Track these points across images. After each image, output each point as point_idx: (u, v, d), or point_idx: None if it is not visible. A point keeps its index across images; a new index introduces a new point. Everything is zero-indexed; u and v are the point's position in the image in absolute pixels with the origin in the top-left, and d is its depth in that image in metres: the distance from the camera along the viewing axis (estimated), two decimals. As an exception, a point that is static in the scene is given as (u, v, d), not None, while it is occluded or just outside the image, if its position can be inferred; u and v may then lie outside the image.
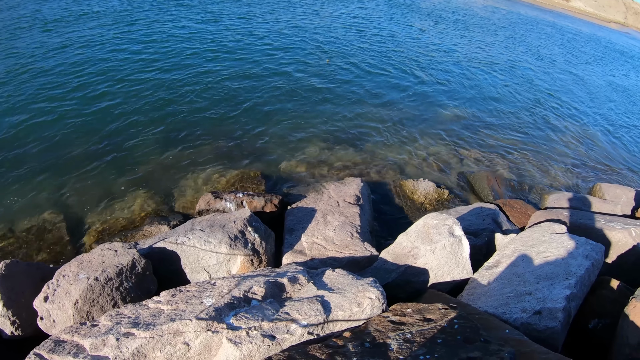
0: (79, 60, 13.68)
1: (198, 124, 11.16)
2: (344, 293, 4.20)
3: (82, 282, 4.75)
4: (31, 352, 3.68)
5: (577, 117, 18.63)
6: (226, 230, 5.74)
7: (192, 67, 14.39)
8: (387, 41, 23.25)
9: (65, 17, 17.62)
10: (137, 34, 16.76)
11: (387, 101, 14.90)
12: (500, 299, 5.06)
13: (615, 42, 54.28)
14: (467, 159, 12.16)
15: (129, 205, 8.38)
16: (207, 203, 7.34)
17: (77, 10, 18.68)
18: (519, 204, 9.49)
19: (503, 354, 3.30)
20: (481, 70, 21.96)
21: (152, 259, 5.57)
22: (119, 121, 10.70)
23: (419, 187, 9.77)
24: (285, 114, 12.51)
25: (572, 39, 44.92)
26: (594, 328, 5.41)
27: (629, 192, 10.26)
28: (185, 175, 9.33)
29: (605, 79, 28.20)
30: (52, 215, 7.95)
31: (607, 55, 39.89)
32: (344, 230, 6.81)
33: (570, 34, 49.08)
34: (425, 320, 3.91)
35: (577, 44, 42.52)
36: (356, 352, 3.41)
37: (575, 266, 5.37)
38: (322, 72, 16.03)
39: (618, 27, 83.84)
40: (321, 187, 8.34)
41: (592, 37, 53.30)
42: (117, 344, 3.64)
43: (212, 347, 3.63)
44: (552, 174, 12.66)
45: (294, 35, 20.37)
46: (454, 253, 5.72)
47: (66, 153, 9.39)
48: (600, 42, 50.10)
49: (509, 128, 15.21)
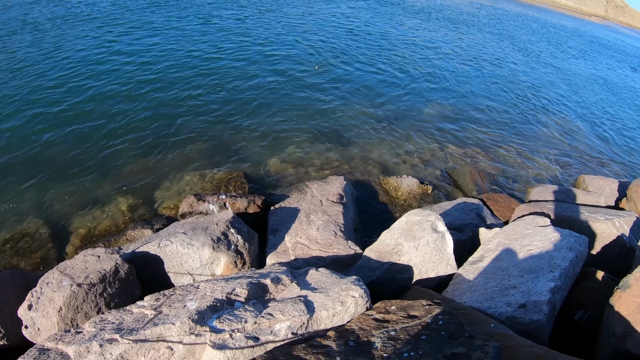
0: (61, 65, 13.57)
1: (180, 126, 11.11)
2: (327, 292, 4.20)
3: (65, 289, 4.72)
4: (16, 362, 3.66)
5: (560, 111, 18.77)
6: (209, 233, 5.72)
7: (173, 71, 14.29)
8: (373, 39, 23.28)
9: (44, 21, 17.48)
10: (119, 39, 16.63)
11: (371, 99, 14.91)
12: (485, 293, 5.07)
13: (599, 36, 54.78)
14: (450, 155, 12.20)
15: (112, 210, 8.33)
16: (189, 205, 7.31)
17: (61, 13, 18.55)
18: (503, 198, 9.53)
19: (488, 348, 3.31)
20: (466, 65, 22.07)
21: (136, 263, 5.55)
22: (99, 126, 10.61)
23: (402, 183, 9.79)
24: (268, 114, 12.46)
25: (556, 34, 45.32)
26: (580, 319, 5.44)
27: (612, 183, 10.33)
28: (168, 178, 9.29)
29: (589, 72, 28.44)
30: (35, 223, 7.88)
31: (591, 49, 40.28)
32: (328, 229, 6.81)
33: (554, 29, 49.52)
34: (410, 317, 3.91)
35: (561, 38, 42.88)
36: (340, 352, 3.41)
37: (559, 258, 5.40)
38: (305, 71, 16.00)
39: (599, 20, 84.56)
40: (304, 187, 8.33)
41: (576, 31, 53.81)
42: (101, 350, 3.61)
43: (195, 350, 3.62)
44: (536, 167, 12.73)
45: (281, 35, 20.29)
46: (438, 249, 5.73)
47: (48, 159, 9.30)
48: (584, 36, 50.58)
49: (493, 123, 15.28)
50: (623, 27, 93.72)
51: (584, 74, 27.48)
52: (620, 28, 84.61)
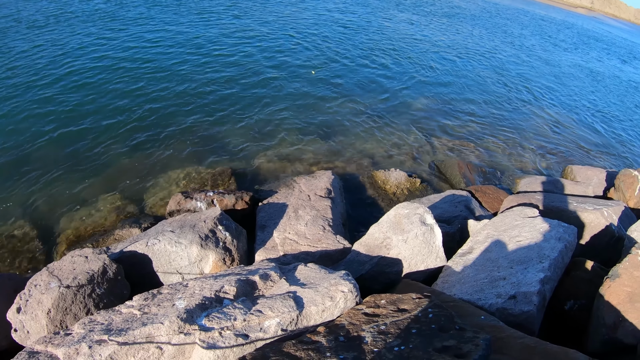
0: (45, 63, 13.47)
1: (166, 124, 11.04)
2: (316, 288, 4.19)
3: (53, 290, 4.69)
4: (6, 366, 3.64)
5: (548, 102, 18.86)
6: (197, 230, 5.70)
7: (158, 68, 14.21)
8: (363, 32, 23.31)
9: (38, 19, 17.36)
10: (99, 38, 16.51)
11: (359, 93, 14.89)
12: (474, 285, 5.08)
13: (587, 28, 54.99)
14: (439, 147, 12.22)
15: (100, 210, 8.29)
16: (177, 203, 7.28)
17: (50, 11, 18.40)
18: (491, 189, 9.55)
19: (478, 340, 3.31)
20: (455, 58, 22.14)
21: (124, 263, 5.52)
22: (85, 126, 10.53)
23: (390, 177, 9.79)
24: (255, 110, 12.41)
25: (545, 26, 45.43)
26: (570, 309, 5.46)
27: (600, 173, 10.38)
28: (155, 176, 9.25)
29: (578, 64, 28.60)
30: (23, 225, 7.82)
31: (580, 41, 40.43)
32: (316, 224, 6.81)
33: (543, 21, 49.66)
34: (400, 311, 3.91)
35: (551, 30, 43.02)
36: (330, 347, 3.40)
37: (548, 249, 5.41)
38: (290, 67, 15.95)
39: (586, 12, 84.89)
40: (292, 182, 8.32)
41: (564, 23, 54.00)
42: (90, 352, 3.59)
43: (185, 350, 3.60)
44: (524, 159, 12.78)
45: (271, 31, 20.20)
46: (427, 242, 5.73)
47: (33, 160, 9.23)
48: (572, 28, 50.75)
49: (481, 115, 15.32)
50: (610, 18, 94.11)
51: (573, 66, 27.60)
52: (607, 19, 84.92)
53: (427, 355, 3.18)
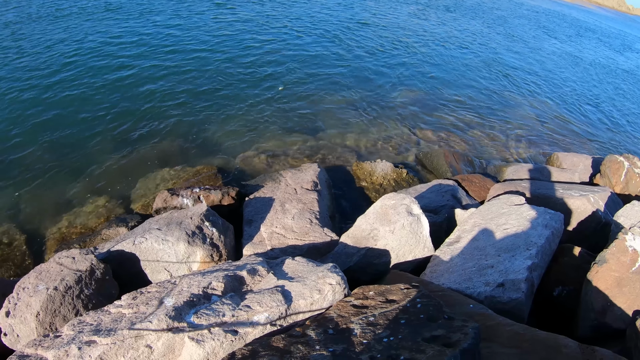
0: (31, 61, 13.37)
1: (150, 123, 10.98)
2: (304, 281, 4.20)
3: (41, 293, 4.67)
4: (-5, 370, 3.63)
5: (535, 91, 18.98)
6: (183, 227, 5.69)
7: (141, 65, 14.10)
8: (350, 25, 23.11)
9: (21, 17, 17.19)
10: (83, 36, 16.39)
11: (344, 86, 14.85)
12: (462, 274, 5.11)
13: (574, 16, 55.02)
14: (424, 139, 12.25)
15: (86, 211, 8.25)
16: (163, 201, 7.25)
17: (32, 10, 18.23)
18: (478, 178, 9.58)
19: (467, 329, 3.33)
20: (441, 49, 22.20)
21: (112, 262, 5.50)
22: (69, 125, 10.45)
23: (376, 168, 9.80)
24: (238, 106, 12.34)
25: (532, 15, 45.39)
26: (559, 295, 5.52)
27: (585, 159, 10.45)
28: (141, 175, 9.21)
29: (565, 52, 28.65)
30: (9, 228, 7.76)
31: (567, 29, 40.42)
32: (303, 217, 6.81)
33: (528, 10, 49.57)
34: (388, 302, 3.93)
35: (537, 18, 42.98)
36: (319, 340, 3.41)
37: (536, 236, 5.46)
38: (274, 61, 15.90)
39: (586, 3, 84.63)
40: (278, 176, 8.30)
41: (549, 11, 53.98)
42: (80, 353, 3.58)
43: (175, 347, 3.60)
44: (510, 147, 12.84)
45: (256, 27, 20.05)
46: (414, 232, 5.75)
47: (17, 163, 9.15)
48: (558, 16, 50.80)
49: (468, 105, 15.36)
50: (594, 5, 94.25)
51: (560, 54, 27.73)
52: (591, 7, 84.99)
53: (416, 346, 3.19)
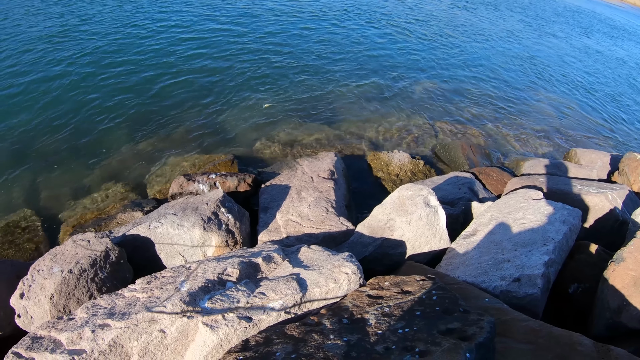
0: (46, 48, 13.41)
1: (168, 110, 11.01)
2: (319, 269, 4.18)
3: (56, 275, 4.68)
4: (9, 351, 3.62)
5: (556, 86, 18.69)
6: (199, 213, 5.68)
7: (158, 53, 14.11)
8: (365, 14, 22.92)
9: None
10: (100, 23, 16.40)
11: (360, 76, 14.75)
12: (478, 267, 5.07)
13: (601, 13, 54.22)
14: (442, 130, 12.15)
15: (102, 195, 8.28)
16: (179, 186, 7.25)
17: None
18: (495, 171, 9.51)
19: (482, 323, 3.29)
20: (460, 41, 21.82)
21: (127, 246, 5.51)
22: (86, 112, 10.50)
23: (393, 158, 9.74)
24: (256, 96, 12.33)
25: (562, 11, 44.87)
26: (574, 293, 5.46)
27: (604, 156, 10.32)
28: (157, 161, 9.24)
29: (591, 49, 28.16)
30: (25, 211, 7.82)
31: (594, 26, 39.85)
32: (319, 205, 6.78)
33: (576, 12, 49.02)
34: (404, 293, 3.90)
35: (578, 18, 42.48)
36: (334, 329, 3.39)
37: (553, 232, 5.39)
38: (291, 52, 15.82)
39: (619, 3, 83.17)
40: (295, 164, 8.27)
41: (577, 8, 53.30)
42: (93, 336, 3.58)
43: (188, 332, 3.59)
44: (528, 141, 12.72)
45: (266, 17, 19.95)
46: (430, 223, 5.71)
47: (37, 148, 9.22)
48: (585, 12, 50.11)
49: (486, 98, 15.19)
50: (620, 2, 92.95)
51: (586, 51, 27.26)
52: (617, 3, 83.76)
53: (431, 338, 3.16)
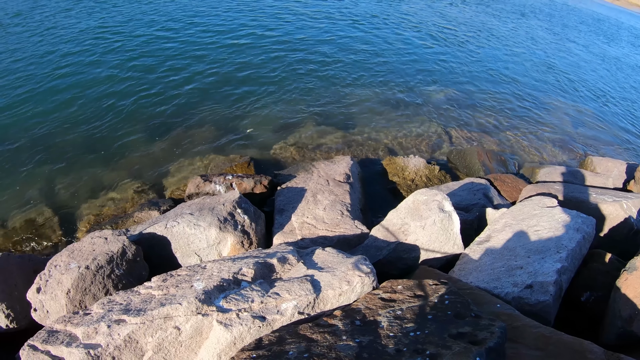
0: (65, 50, 13.55)
1: (186, 111, 11.10)
2: (333, 272, 4.20)
3: (73, 271, 4.74)
4: (25, 344, 3.68)
5: (572, 92, 18.56)
6: (215, 213, 5.73)
7: (178, 55, 14.21)
8: (378, 19, 22.91)
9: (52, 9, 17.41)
10: (120, 25, 16.55)
11: (377, 82, 14.73)
12: (491, 273, 5.07)
13: (633, 25, 53.79)
14: (457, 136, 12.12)
15: (120, 194, 8.38)
16: (196, 186, 7.31)
17: None
18: (510, 178, 9.48)
19: (494, 328, 3.31)
20: (488, 47, 21.77)
21: (143, 244, 5.57)
22: (106, 112, 10.62)
23: (409, 163, 9.74)
24: (273, 98, 12.39)
25: (585, 18, 44.60)
26: (587, 301, 5.45)
27: (620, 165, 10.25)
28: (174, 162, 9.32)
29: (611, 56, 27.94)
30: (44, 208, 7.95)
31: (621, 35, 39.51)
32: (334, 208, 6.81)
33: (576, 12, 48.74)
34: (416, 297, 3.92)
35: (602, 26, 42.19)
36: (346, 331, 3.42)
37: (567, 239, 5.38)
38: (308, 56, 15.85)
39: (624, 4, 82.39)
40: (311, 167, 8.31)
41: (600, 15, 52.99)
42: (109, 331, 3.64)
43: (203, 330, 3.63)
44: (544, 149, 12.66)
45: (284, 22, 20.01)
46: (444, 228, 5.72)
47: (56, 145, 9.36)
48: (615, 22, 49.77)
49: (503, 105, 15.11)
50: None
51: (610, 60, 27.01)
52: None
53: (442, 341, 3.19)
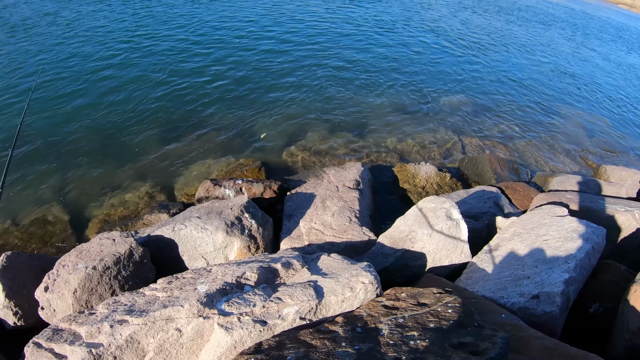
0: (77, 52, 13.69)
1: (197, 114, 11.17)
2: (337, 278, 4.20)
3: (80, 271, 4.79)
4: (30, 341, 3.72)
5: (587, 100, 18.45)
6: (223, 217, 5.75)
7: (189, 59, 14.31)
8: (389, 24, 22.93)
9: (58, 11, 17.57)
10: (131, 27, 16.67)
11: (388, 88, 14.75)
12: (498, 282, 5.04)
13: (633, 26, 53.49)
14: (470, 144, 12.08)
15: (130, 196, 8.42)
16: (206, 190, 7.35)
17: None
18: (522, 186, 9.43)
19: (496, 339, 3.29)
20: (504, 54, 21.73)
21: (151, 247, 5.61)
22: (118, 114, 10.72)
23: (420, 170, 9.71)
24: (285, 102, 12.45)
25: (600, 25, 44.40)
26: (595, 312, 5.38)
27: (634, 174, 10.16)
28: (185, 165, 9.37)
29: (631, 65, 27.74)
30: (55, 208, 8.01)
31: (623, 39, 39.29)
32: (343, 215, 6.81)
33: (594, 19, 48.53)
34: (419, 305, 3.91)
35: (602, 28, 41.99)
36: (346, 337, 3.42)
37: (575, 249, 5.33)
38: (319, 61, 15.87)
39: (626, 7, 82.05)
40: (321, 173, 8.31)
41: (598, 18, 52.72)
42: (111, 330, 3.66)
43: (204, 333, 3.65)
44: (557, 157, 12.58)
45: (295, 24, 20.09)
46: (452, 236, 5.70)
47: (68, 147, 9.44)
48: (614, 24, 49.50)
49: (517, 113, 15.05)
50: None
51: (623, 67, 26.78)
52: None
53: (442, 351, 3.17)
